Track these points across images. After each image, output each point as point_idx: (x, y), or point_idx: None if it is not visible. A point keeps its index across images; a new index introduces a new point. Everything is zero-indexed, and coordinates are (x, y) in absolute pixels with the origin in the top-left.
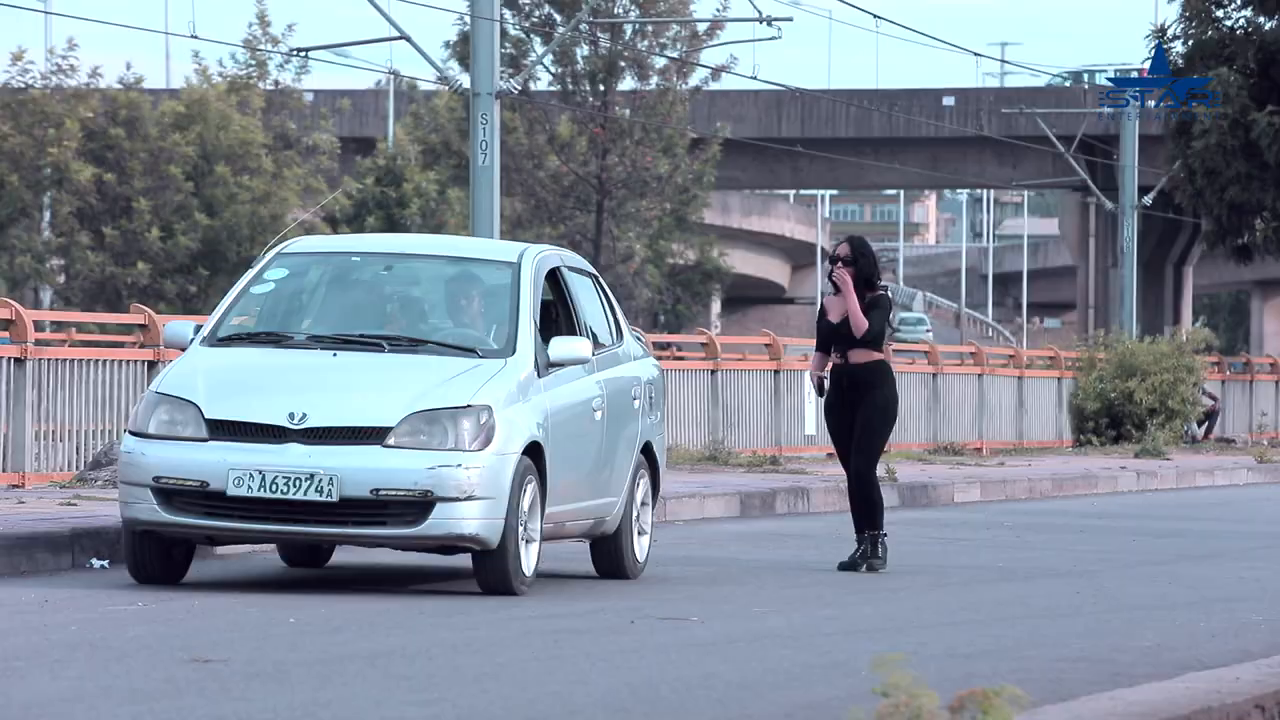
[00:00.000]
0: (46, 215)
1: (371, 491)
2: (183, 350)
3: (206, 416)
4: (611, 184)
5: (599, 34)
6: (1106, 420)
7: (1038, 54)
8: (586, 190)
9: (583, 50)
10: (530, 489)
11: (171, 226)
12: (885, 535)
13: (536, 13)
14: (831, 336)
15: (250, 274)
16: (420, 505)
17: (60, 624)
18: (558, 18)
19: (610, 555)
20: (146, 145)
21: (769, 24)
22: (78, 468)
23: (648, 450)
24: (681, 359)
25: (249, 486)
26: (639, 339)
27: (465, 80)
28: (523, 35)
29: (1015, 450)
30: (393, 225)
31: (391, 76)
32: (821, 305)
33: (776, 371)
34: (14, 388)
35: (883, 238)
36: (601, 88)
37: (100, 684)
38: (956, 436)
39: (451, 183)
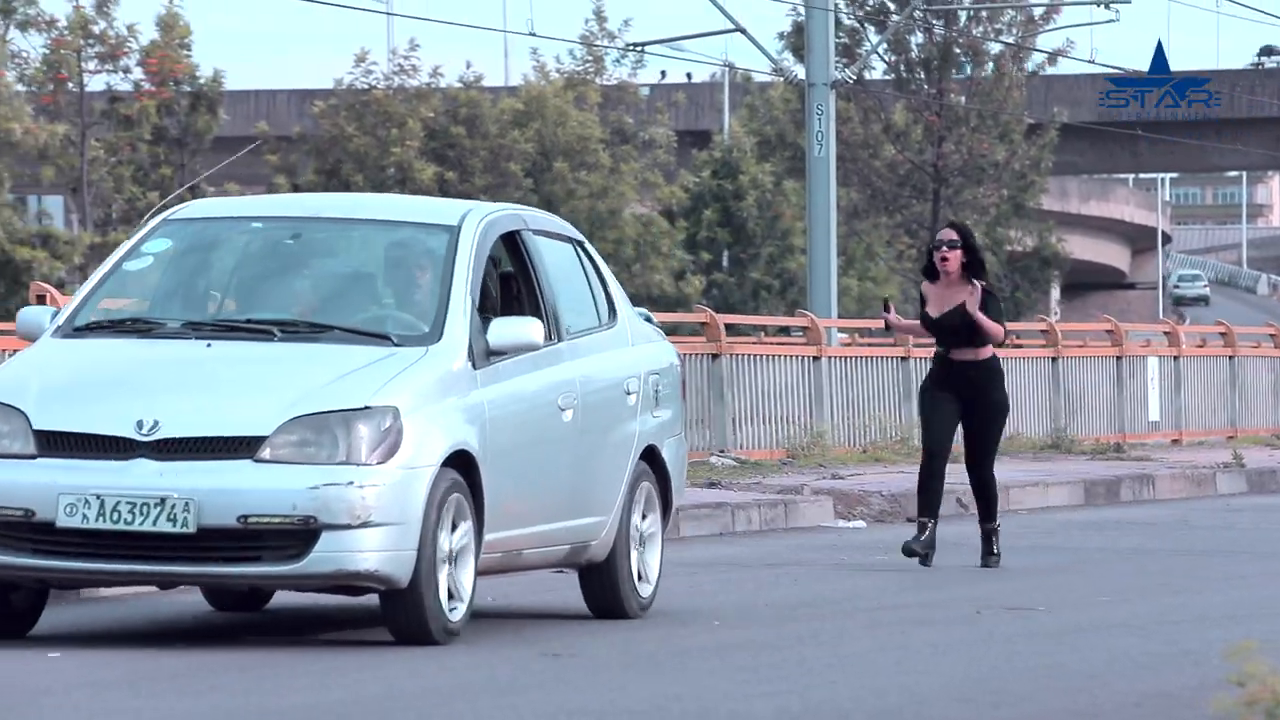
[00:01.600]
0: None
1: (239, 519)
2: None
3: (35, 427)
4: (948, 172)
5: (933, 21)
6: None
7: None
8: (923, 178)
9: (917, 38)
10: (457, 510)
11: None
12: (999, 526)
13: (870, 1)
14: (933, 330)
15: (125, 246)
16: (302, 535)
17: None
18: (891, 6)
19: (603, 588)
20: (487, 143)
21: (1106, 6)
22: None
23: (652, 456)
24: (1019, 346)
25: (84, 515)
26: (648, 319)
27: (800, 71)
28: (857, 25)
29: None
30: (729, 218)
31: (726, 69)
32: (921, 295)
33: (1119, 358)
34: None
35: (1225, 220)
36: (936, 75)
37: (459, 679)
38: None
39: (787, 174)
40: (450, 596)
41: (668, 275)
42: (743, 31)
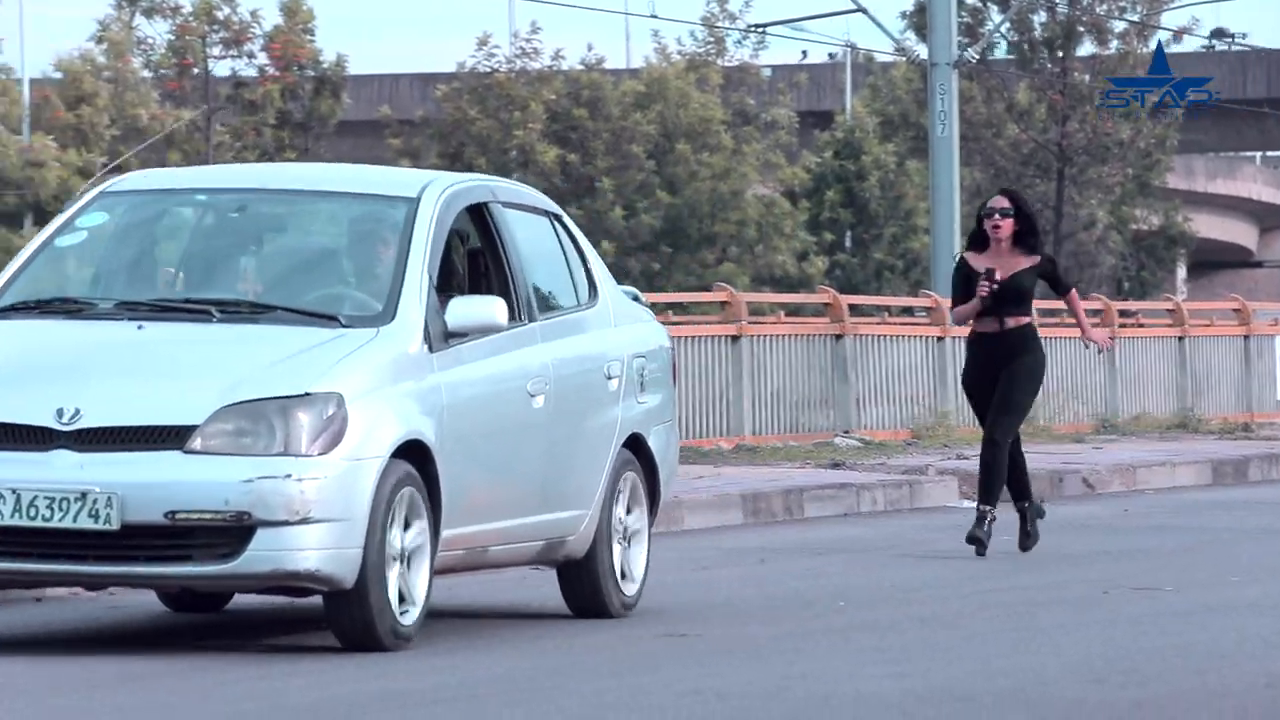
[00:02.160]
0: None
1: (166, 515)
2: None
3: None
4: (1072, 151)
5: None
6: None
7: None
8: (1046, 158)
9: (1040, 16)
10: (410, 505)
11: (634, 205)
12: (994, 516)
13: None
14: (992, 298)
15: (58, 220)
16: (235, 532)
17: (534, 599)
18: None
19: (582, 586)
20: (609, 125)
21: None
22: None
23: (637, 445)
24: (1141, 326)
25: None
26: (635, 298)
27: (922, 51)
28: (979, 4)
29: None
30: (852, 199)
31: (848, 49)
32: (964, 262)
33: (1246, 337)
34: None
35: None
36: (1060, 53)
37: (579, 659)
38: None
39: (910, 154)
40: (402, 599)
41: (790, 256)
42: (864, 12)
